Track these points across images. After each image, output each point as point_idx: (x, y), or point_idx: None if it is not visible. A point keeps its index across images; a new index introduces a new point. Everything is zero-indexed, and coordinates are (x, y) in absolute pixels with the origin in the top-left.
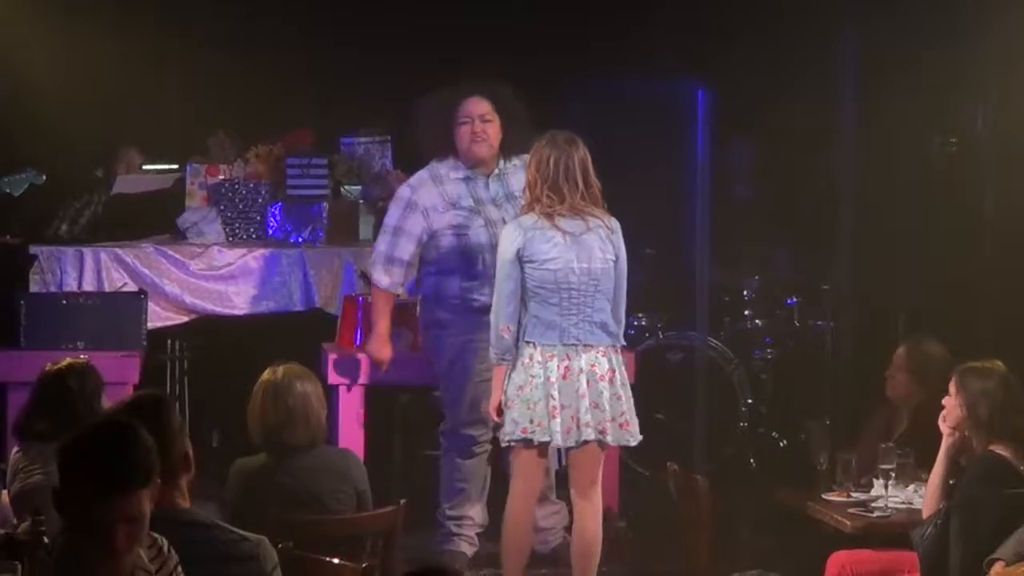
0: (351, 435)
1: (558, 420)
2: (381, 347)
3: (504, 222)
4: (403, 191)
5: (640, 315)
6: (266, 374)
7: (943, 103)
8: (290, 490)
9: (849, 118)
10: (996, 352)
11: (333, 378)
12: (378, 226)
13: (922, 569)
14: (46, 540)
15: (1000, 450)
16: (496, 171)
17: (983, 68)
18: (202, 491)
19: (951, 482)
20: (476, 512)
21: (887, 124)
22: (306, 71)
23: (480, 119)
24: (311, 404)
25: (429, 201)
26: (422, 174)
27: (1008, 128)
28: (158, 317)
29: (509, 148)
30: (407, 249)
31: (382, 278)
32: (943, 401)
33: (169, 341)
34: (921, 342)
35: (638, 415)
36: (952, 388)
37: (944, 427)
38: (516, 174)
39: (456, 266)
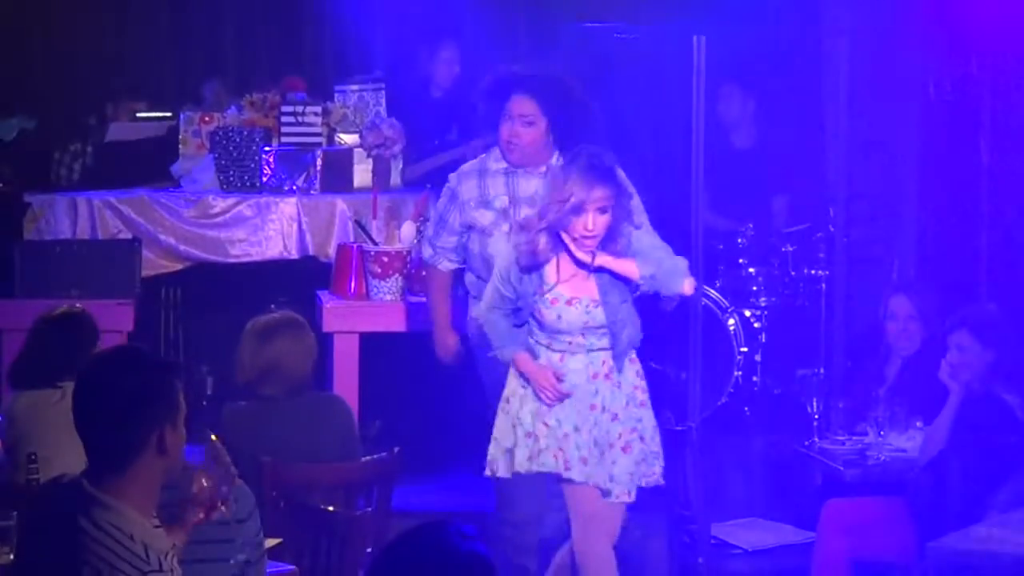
0: (345, 383)
1: None
2: (442, 337)
3: None
4: (452, 179)
5: None
6: (249, 324)
7: (937, 50)
8: (277, 436)
9: (841, 65)
10: (989, 298)
11: (328, 325)
12: (371, 172)
13: (919, 516)
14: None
15: (1003, 395)
16: (544, 167)
17: (976, 14)
18: (198, 438)
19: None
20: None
21: (881, 73)
22: (301, 18)
23: (520, 119)
24: (288, 356)
25: (468, 194)
26: (474, 164)
27: (1002, 75)
28: (152, 265)
29: (563, 144)
30: (449, 241)
31: (425, 248)
32: (950, 358)
33: (163, 289)
34: (919, 291)
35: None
36: (965, 340)
37: (951, 383)
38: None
39: (479, 271)
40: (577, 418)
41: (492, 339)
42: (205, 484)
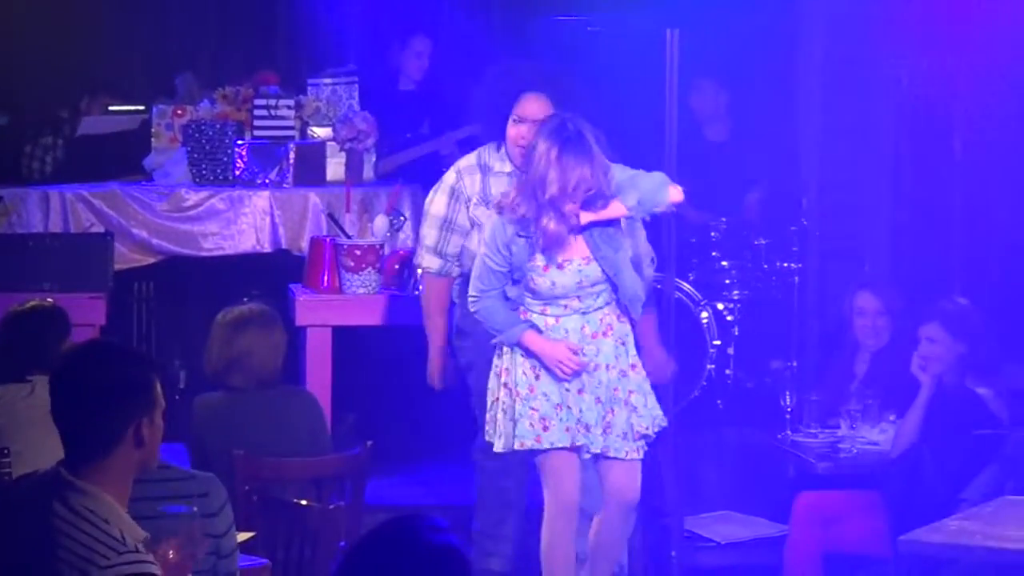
0: (318, 376)
1: None
2: (438, 363)
3: None
4: (449, 176)
5: None
6: (220, 315)
7: (912, 44)
8: (247, 429)
9: (815, 58)
10: (962, 291)
11: (300, 319)
12: (344, 166)
13: (891, 509)
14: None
15: (976, 388)
16: None
17: (949, 8)
18: (170, 432)
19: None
20: (512, 528)
21: (855, 66)
22: (274, 11)
23: (534, 123)
24: (257, 348)
25: (470, 190)
26: (471, 159)
27: (977, 70)
28: (124, 259)
29: None
30: (457, 243)
31: (431, 260)
32: (921, 351)
33: (136, 283)
34: (885, 285)
35: None
36: (936, 333)
37: (922, 375)
38: None
39: (471, 267)
40: (564, 392)
41: (492, 327)
42: (171, 558)
